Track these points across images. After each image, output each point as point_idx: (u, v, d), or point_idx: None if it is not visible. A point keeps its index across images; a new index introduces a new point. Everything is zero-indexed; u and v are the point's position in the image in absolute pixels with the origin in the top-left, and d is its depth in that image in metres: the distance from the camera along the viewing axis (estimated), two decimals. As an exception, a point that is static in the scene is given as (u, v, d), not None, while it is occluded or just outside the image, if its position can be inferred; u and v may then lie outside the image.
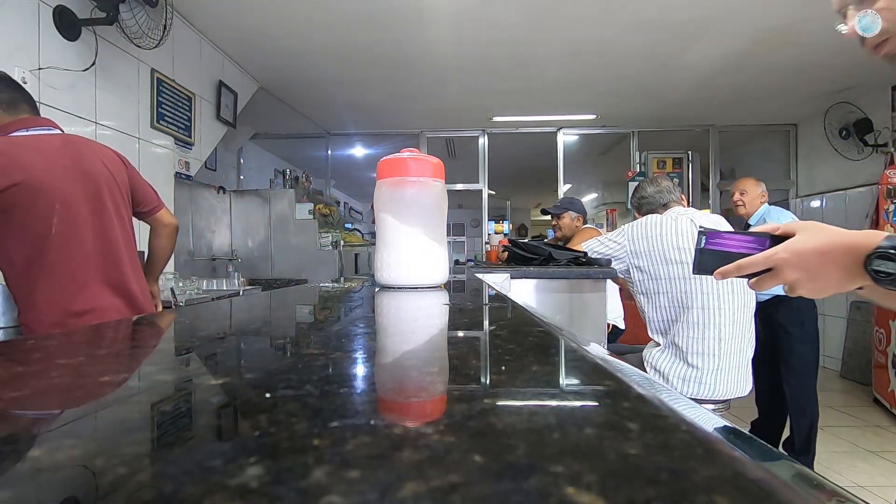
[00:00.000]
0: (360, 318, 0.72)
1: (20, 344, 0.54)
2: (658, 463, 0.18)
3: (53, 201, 1.34)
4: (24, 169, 1.30)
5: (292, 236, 4.38)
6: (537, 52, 3.60)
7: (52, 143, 1.42)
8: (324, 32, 3.29)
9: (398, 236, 1.06)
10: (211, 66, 3.49)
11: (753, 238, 0.70)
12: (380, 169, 1.09)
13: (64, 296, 1.37)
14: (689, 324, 1.75)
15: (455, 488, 0.16)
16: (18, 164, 1.30)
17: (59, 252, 1.36)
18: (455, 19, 3.14)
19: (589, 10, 3.02)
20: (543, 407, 0.27)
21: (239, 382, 0.32)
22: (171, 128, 3.02)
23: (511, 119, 5.29)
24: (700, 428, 0.22)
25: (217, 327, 0.64)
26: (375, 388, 0.33)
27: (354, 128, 5.60)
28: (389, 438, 0.21)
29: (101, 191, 1.48)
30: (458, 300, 0.93)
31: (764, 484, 0.18)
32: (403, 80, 4.13)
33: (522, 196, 10.28)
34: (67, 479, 0.18)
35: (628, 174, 5.32)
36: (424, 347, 0.49)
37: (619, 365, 0.35)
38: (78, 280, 1.40)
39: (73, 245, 1.39)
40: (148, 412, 0.27)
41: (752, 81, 4.05)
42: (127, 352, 0.49)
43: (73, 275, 1.39)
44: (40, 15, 2.15)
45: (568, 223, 3.19)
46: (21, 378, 0.35)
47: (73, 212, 1.39)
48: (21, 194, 1.29)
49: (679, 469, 0.18)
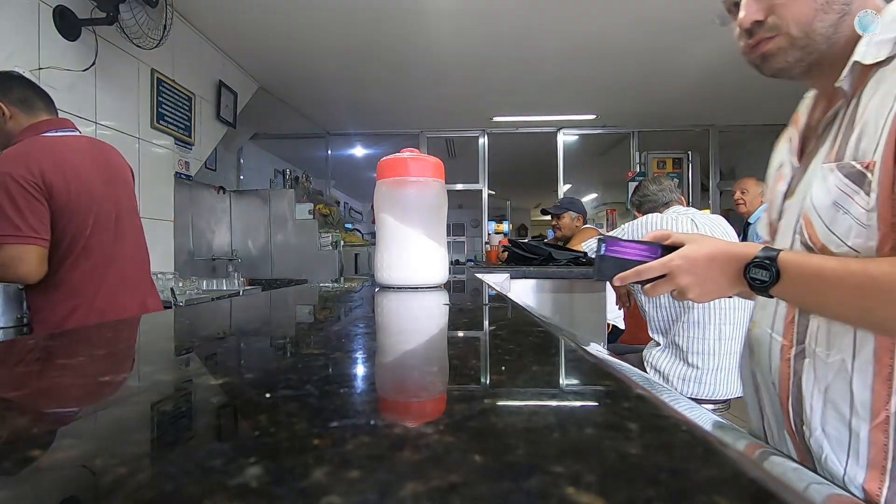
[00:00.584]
0: (360, 319, 0.72)
1: (18, 344, 0.54)
2: (658, 463, 0.18)
3: (91, 202, 1.38)
4: (71, 169, 1.33)
5: (292, 236, 4.37)
6: (537, 51, 3.60)
7: (83, 145, 1.44)
8: (324, 32, 3.29)
9: (398, 236, 1.06)
10: (211, 66, 3.49)
11: (646, 246, 0.76)
12: (380, 169, 1.09)
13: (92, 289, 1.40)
14: (689, 323, 1.75)
15: (455, 488, 0.16)
16: (67, 163, 1.33)
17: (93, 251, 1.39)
18: (455, 19, 3.14)
19: (589, 10, 3.02)
20: (543, 407, 0.27)
21: (239, 382, 0.32)
22: (171, 128, 3.02)
23: (511, 119, 5.29)
24: (700, 428, 0.22)
25: (217, 327, 0.64)
26: (375, 388, 0.33)
27: (354, 128, 5.60)
28: (389, 438, 0.21)
29: (125, 193, 1.54)
30: (458, 300, 0.93)
31: (764, 484, 0.18)
32: (403, 80, 4.13)
33: (522, 196, 10.28)
34: (67, 478, 0.18)
35: (628, 174, 5.32)
36: (424, 347, 0.49)
37: (619, 365, 0.35)
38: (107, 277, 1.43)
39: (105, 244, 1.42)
40: (148, 412, 0.27)
41: (752, 81, 4.03)
42: (127, 352, 0.49)
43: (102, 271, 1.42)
44: (40, 15, 2.15)
45: (568, 223, 3.19)
46: (21, 378, 0.35)
47: (105, 212, 1.43)
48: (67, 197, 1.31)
49: (679, 469, 0.18)
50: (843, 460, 0.63)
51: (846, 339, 0.62)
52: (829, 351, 0.64)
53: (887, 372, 0.59)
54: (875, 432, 0.60)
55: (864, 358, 0.61)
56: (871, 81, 0.61)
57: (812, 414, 0.66)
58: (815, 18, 0.64)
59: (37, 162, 1.27)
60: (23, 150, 1.29)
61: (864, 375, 0.60)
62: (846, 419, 0.62)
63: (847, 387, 0.62)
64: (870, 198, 0.57)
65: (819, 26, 0.64)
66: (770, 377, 0.73)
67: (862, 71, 0.62)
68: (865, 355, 0.60)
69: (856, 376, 0.61)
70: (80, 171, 1.36)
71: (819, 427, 0.65)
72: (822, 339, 0.65)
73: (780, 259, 0.61)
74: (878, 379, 0.60)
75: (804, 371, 0.66)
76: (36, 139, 1.34)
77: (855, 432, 0.61)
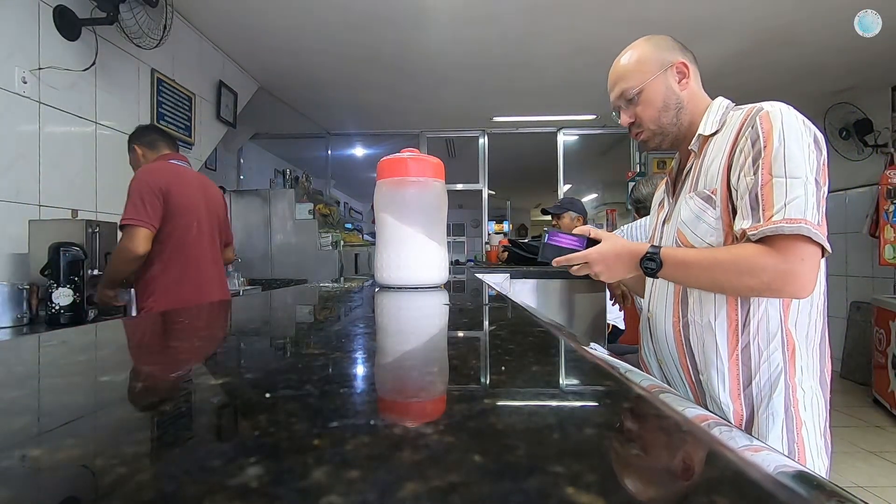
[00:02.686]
0: (361, 319, 0.72)
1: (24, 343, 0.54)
2: (658, 463, 0.18)
3: (192, 219, 1.90)
4: (180, 185, 1.86)
5: (292, 236, 4.37)
6: (537, 51, 3.60)
7: (191, 174, 2.01)
8: (324, 32, 3.29)
9: (398, 236, 1.06)
10: (211, 66, 3.49)
11: (576, 238, 1.04)
12: (380, 169, 1.09)
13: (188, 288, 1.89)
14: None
15: (455, 488, 0.16)
16: (179, 179, 1.88)
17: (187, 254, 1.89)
18: (455, 19, 3.14)
19: (589, 10, 3.02)
20: (543, 407, 0.27)
21: (239, 382, 0.32)
22: (171, 128, 3.02)
23: (511, 119, 5.29)
24: (700, 428, 0.22)
25: (217, 327, 0.64)
26: (375, 389, 0.33)
27: (354, 128, 5.60)
28: (389, 438, 0.21)
29: (214, 218, 2.06)
30: (458, 300, 0.93)
31: (764, 484, 0.18)
32: (403, 80, 4.13)
33: (522, 196, 10.28)
34: (68, 478, 0.18)
35: (628, 174, 5.32)
36: (424, 348, 0.49)
37: (619, 365, 0.35)
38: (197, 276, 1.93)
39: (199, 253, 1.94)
40: (148, 412, 0.27)
41: (752, 81, 4.05)
42: (127, 352, 0.49)
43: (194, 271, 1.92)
44: (40, 15, 2.15)
45: (568, 223, 3.18)
46: (21, 377, 0.35)
47: (202, 228, 1.95)
48: (177, 204, 1.83)
49: (679, 469, 0.18)
50: (717, 391, 0.92)
51: (710, 306, 0.93)
52: (702, 317, 0.94)
53: (735, 325, 0.91)
54: (731, 365, 0.91)
55: (721, 318, 0.92)
56: (710, 144, 0.96)
57: (700, 366, 0.95)
58: (659, 117, 1.01)
59: (161, 175, 1.83)
60: (154, 167, 1.87)
61: (722, 329, 0.92)
62: (714, 362, 0.93)
63: (713, 339, 0.92)
64: (716, 210, 0.91)
65: (664, 121, 1.01)
66: (667, 349, 1.02)
67: (703, 139, 0.98)
68: (722, 315, 0.92)
69: (718, 330, 0.92)
70: (189, 190, 1.91)
71: (704, 372, 0.94)
72: (695, 309, 0.96)
73: (661, 253, 0.93)
74: (729, 330, 0.91)
75: (690, 335, 0.96)
76: (161, 163, 1.92)
77: (720, 370, 0.92)
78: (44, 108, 2.16)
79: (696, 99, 1.01)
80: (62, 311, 1.79)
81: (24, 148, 2.07)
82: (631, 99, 1.02)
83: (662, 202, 1.14)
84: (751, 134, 0.86)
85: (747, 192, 0.85)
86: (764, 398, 0.89)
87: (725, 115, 0.97)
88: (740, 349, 0.90)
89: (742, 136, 0.88)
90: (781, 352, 0.89)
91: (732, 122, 0.93)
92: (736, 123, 0.91)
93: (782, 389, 0.88)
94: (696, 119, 1.00)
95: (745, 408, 0.91)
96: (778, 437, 0.88)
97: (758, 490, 0.17)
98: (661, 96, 1.00)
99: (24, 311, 1.84)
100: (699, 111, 1.01)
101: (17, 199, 2.05)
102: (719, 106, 0.99)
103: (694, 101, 1.01)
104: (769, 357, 0.89)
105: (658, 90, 1.00)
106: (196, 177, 2.03)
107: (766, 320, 0.89)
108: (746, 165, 0.86)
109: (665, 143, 1.04)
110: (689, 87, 1.01)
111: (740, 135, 0.89)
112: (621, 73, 1.04)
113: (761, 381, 0.89)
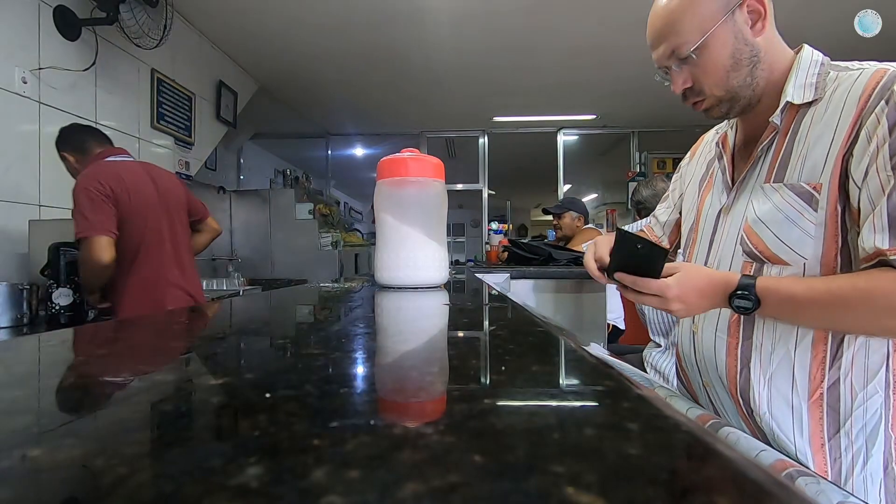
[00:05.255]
0: (360, 319, 0.72)
1: (20, 344, 0.54)
2: (658, 463, 0.18)
3: (146, 216, 1.77)
4: (124, 185, 1.71)
5: (292, 236, 4.37)
6: (537, 52, 3.60)
7: (136, 168, 1.83)
8: (324, 32, 3.29)
9: (398, 236, 1.05)
10: (211, 66, 3.49)
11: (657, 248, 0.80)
12: (380, 169, 1.09)
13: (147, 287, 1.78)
14: (689, 324, 1.76)
15: (455, 488, 0.16)
16: (122, 179, 1.72)
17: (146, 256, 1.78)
18: (455, 19, 3.14)
19: (589, 10, 3.02)
20: (543, 407, 0.27)
21: (239, 382, 0.32)
22: (171, 128, 3.02)
23: (511, 119, 5.29)
24: (700, 428, 0.22)
25: (217, 327, 0.64)
26: (375, 389, 0.33)
27: (354, 128, 5.60)
28: (389, 438, 0.21)
29: (172, 207, 1.90)
30: (458, 300, 0.93)
31: (764, 484, 0.18)
32: (403, 81, 4.13)
33: (522, 196, 10.28)
34: (67, 478, 0.18)
35: (628, 174, 5.32)
36: (424, 348, 0.49)
37: (619, 365, 0.35)
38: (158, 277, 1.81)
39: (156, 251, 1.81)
40: (148, 412, 0.27)
41: (752, 82, 4.05)
42: (127, 352, 0.49)
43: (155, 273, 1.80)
44: (40, 15, 2.15)
45: (569, 223, 3.19)
46: (20, 377, 0.35)
47: (157, 225, 1.82)
48: (129, 207, 1.71)
49: (679, 469, 0.18)
50: (790, 436, 0.73)
51: (791, 333, 0.73)
52: (775, 343, 0.74)
53: (822, 356, 0.71)
54: (813, 407, 0.71)
55: (804, 347, 0.72)
56: (805, 117, 0.71)
57: (760, 399, 0.75)
58: (728, 78, 0.74)
59: (105, 178, 1.68)
60: (92, 171, 1.70)
61: (803, 360, 0.72)
62: (789, 400, 0.73)
63: (790, 370, 0.73)
64: (818, 214, 0.68)
65: (735, 82, 0.74)
66: (717, 373, 0.82)
67: (792, 109, 0.73)
68: (805, 344, 0.72)
69: (797, 361, 0.72)
70: (136, 186, 1.76)
71: (767, 411, 0.75)
72: (768, 333, 0.75)
73: (757, 288, 0.69)
74: (814, 363, 0.71)
75: (752, 362, 0.76)
76: (100, 164, 1.74)
77: (797, 410, 0.72)
78: (44, 108, 2.16)
79: (775, 49, 0.74)
80: (62, 311, 1.79)
81: (24, 148, 2.07)
82: (686, 58, 0.74)
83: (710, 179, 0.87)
84: (889, 112, 0.61)
85: (882, 195, 0.61)
86: (858, 454, 0.69)
87: (823, 76, 0.71)
88: (825, 387, 0.70)
89: (869, 112, 0.63)
90: (883, 395, 0.68)
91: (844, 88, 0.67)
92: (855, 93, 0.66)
93: (882, 443, 0.69)
94: (777, 77, 0.74)
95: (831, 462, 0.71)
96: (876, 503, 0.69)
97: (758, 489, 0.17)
98: (730, 49, 0.73)
99: (24, 311, 1.84)
100: (781, 67, 0.74)
101: (17, 199, 2.05)
102: (810, 61, 0.72)
103: (772, 52, 0.74)
104: (865, 401, 0.69)
105: (725, 41, 0.72)
106: (141, 168, 1.86)
107: (864, 353, 0.69)
108: (881, 158, 0.61)
109: (734, 110, 0.78)
110: (766, 33, 0.74)
111: (865, 111, 0.64)
112: (670, 21, 0.75)
113: (853, 430, 0.69)
